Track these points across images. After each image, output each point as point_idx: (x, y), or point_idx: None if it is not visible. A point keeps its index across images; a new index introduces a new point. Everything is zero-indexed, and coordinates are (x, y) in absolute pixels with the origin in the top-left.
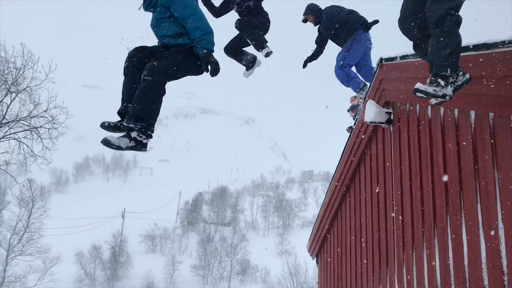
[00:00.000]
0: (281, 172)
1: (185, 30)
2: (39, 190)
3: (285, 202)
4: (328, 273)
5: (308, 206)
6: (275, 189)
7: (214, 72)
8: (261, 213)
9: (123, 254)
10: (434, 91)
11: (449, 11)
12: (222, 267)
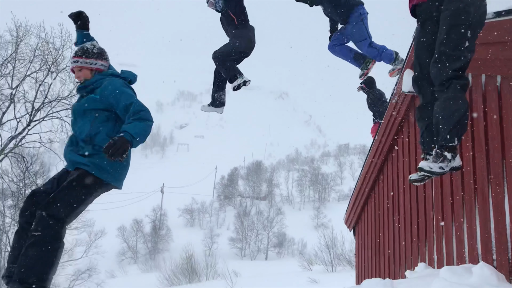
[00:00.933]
0: (316, 146)
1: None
2: None
3: (320, 176)
4: (365, 244)
5: (344, 180)
6: (310, 163)
7: (110, 155)
8: (297, 187)
9: (163, 228)
10: (441, 168)
11: (455, 73)
12: (259, 240)
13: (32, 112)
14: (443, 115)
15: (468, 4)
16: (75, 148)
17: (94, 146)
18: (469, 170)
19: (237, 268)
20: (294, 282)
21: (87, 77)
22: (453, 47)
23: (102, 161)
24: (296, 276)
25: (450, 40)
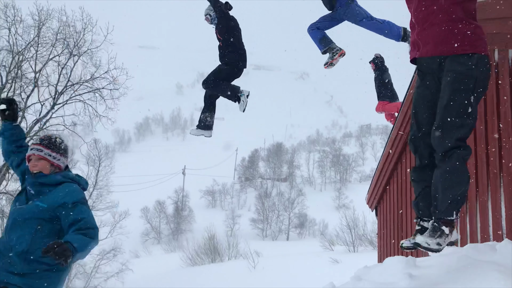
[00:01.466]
0: (338, 127)
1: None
2: (104, 149)
3: (342, 157)
4: (387, 224)
5: (366, 161)
6: (331, 144)
7: (55, 253)
8: (318, 169)
9: (186, 209)
10: (438, 245)
11: (458, 142)
12: (280, 221)
13: (55, 95)
14: (443, 187)
15: (472, 68)
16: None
17: (31, 263)
18: (494, 151)
19: (259, 248)
20: (316, 262)
21: (44, 171)
22: (456, 114)
23: (42, 283)
24: (318, 256)
25: (453, 107)
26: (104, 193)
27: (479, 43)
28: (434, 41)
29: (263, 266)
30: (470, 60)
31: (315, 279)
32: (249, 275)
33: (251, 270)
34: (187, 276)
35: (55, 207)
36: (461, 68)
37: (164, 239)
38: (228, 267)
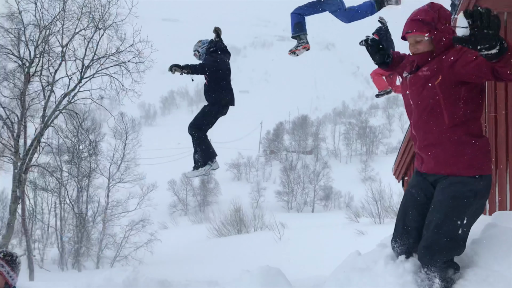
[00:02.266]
0: (364, 98)
1: None
2: (131, 123)
3: (368, 129)
4: None
5: (393, 132)
6: (357, 116)
7: None
8: (343, 141)
9: (212, 182)
10: None
11: (448, 263)
12: (306, 193)
13: (82, 69)
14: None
15: (474, 188)
16: None
17: None
18: None
19: (284, 220)
20: (341, 234)
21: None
22: (447, 235)
23: None
24: (343, 227)
25: (447, 227)
26: (132, 166)
27: (485, 165)
28: (435, 161)
29: (288, 237)
30: (475, 181)
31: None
32: (274, 246)
33: (276, 241)
34: (214, 246)
35: None
36: (463, 188)
37: (191, 211)
38: (254, 238)
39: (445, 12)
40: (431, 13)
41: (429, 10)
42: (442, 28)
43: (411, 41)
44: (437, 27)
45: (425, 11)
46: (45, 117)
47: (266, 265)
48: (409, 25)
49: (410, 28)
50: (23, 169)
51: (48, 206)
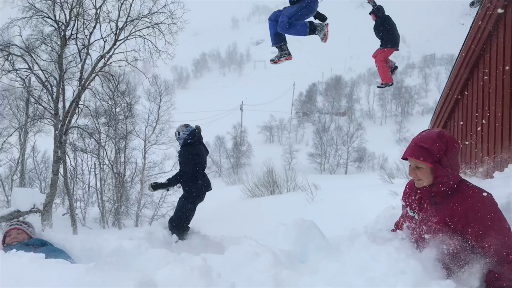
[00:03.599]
0: (400, 57)
1: None
2: (164, 85)
3: (404, 89)
4: None
5: (429, 93)
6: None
7: None
8: (378, 102)
9: (244, 144)
10: None
11: None
12: (339, 155)
13: (116, 31)
14: None
15: None
16: None
17: None
18: None
19: (317, 182)
20: (374, 194)
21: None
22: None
23: None
24: (376, 188)
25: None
26: (166, 128)
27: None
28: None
29: (321, 198)
30: None
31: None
32: (307, 206)
33: (309, 201)
34: (248, 206)
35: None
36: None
37: (225, 173)
38: (286, 198)
39: (453, 146)
40: (439, 144)
41: (438, 140)
42: (447, 164)
43: (411, 164)
44: (441, 161)
45: (433, 140)
46: (82, 79)
47: (300, 218)
48: (413, 150)
49: (412, 154)
50: (63, 130)
51: (88, 167)
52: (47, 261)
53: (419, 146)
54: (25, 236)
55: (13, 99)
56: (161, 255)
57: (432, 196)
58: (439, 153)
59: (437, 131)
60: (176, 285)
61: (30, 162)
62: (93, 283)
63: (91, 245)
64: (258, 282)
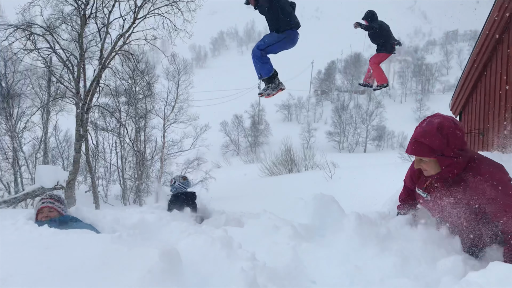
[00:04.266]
0: (421, 34)
1: None
2: (183, 64)
3: (424, 66)
4: (471, 129)
5: (451, 70)
6: (413, 53)
7: None
8: (398, 79)
9: (262, 123)
10: None
11: None
12: (358, 134)
13: (135, 9)
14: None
15: None
16: None
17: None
18: None
19: (335, 160)
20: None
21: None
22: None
23: None
24: (395, 167)
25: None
26: (185, 106)
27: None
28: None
29: (339, 176)
30: None
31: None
32: (325, 184)
33: (327, 179)
34: (266, 184)
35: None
36: None
37: (243, 151)
38: (304, 176)
39: (455, 135)
40: (439, 138)
41: (437, 135)
42: (450, 154)
43: (416, 157)
44: (444, 153)
45: (433, 135)
46: (102, 58)
47: (320, 192)
48: (414, 147)
49: (413, 152)
50: (84, 109)
51: (109, 146)
52: (74, 231)
53: (420, 143)
54: (56, 214)
55: (35, 78)
56: (182, 227)
57: (443, 180)
58: (441, 147)
59: (437, 122)
60: (198, 254)
61: (53, 140)
62: (119, 251)
63: (115, 218)
64: (278, 253)
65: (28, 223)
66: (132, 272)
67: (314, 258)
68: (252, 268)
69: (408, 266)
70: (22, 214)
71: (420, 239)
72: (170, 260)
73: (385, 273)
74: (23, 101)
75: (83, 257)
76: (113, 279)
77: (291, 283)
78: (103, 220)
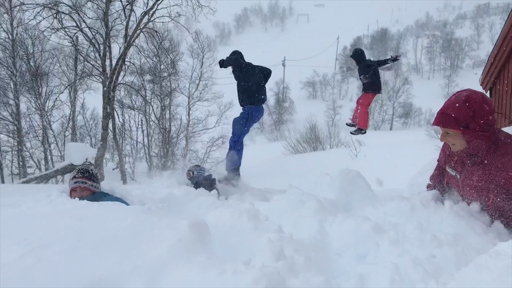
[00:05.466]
0: (450, 7)
1: None
2: (207, 41)
3: (454, 41)
4: (502, 106)
5: (481, 44)
6: (442, 27)
7: None
8: (426, 55)
9: (286, 100)
10: None
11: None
12: (384, 111)
13: None
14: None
15: None
16: None
17: None
18: None
19: (361, 138)
20: (420, 150)
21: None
22: None
23: None
24: (422, 144)
25: None
26: (209, 84)
27: None
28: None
29: (365, 154)
30: None
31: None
32: (351, 162)
33: (353, 158)
34: (290, 162)
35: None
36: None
37: (267, 129)
38: (329, 154)
39: (482, 109)
40: (464, 110)
41: (463, 107)
42: (475, 128)
43: (442, 130)
44: (469, 126)
45: (459, 107)
46: (127, 36)
47: (345, 167)
48: (440, 118)
49: (439, 122)
50: (111, 87)
51: (136, 123)
52: (106, 203)
53: (446, 114)
54: (89, 193)
55: (62, 57)
56: (209, 201)
57: (470, 157)
58: (466, 119)
59: (464, 95)
60: (225, 226)
61: (80, 119)
62: (149, 221)
63: (144, 192)
64: (304, 226)
65: (61, 195)
66: (163, 241)
67: (340, 231)
68: (279, 239)
69: (435, 239)
70: (55, 188)
71: (449, 211)
72: (199, 230)
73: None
74: (51, 80)
75: (115, 227)
76: (145, 248)
77: (318, 254)
78: (131, 194)
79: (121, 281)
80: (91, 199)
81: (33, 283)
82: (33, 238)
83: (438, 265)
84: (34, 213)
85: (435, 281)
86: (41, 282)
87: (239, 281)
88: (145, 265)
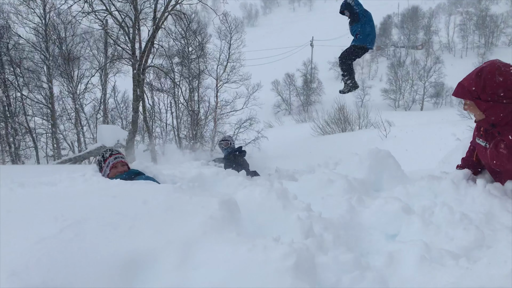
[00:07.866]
0: None
1: None
2: (234, 23)
3: (488, 18)
4: None
5: None
6: (476, 4)
7: None
8: (459, 33)
9: (315, 81)
10: None
11: None
12: (414, 91)
13: None
14: None
15: None
16: None
17: None
18: None
19: (391, 118)
20: (451, 130)
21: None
22: None
23: None
24: (454, 125)
25: None
26: (237, 66)
27: None
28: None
29: (395, 134)
30: None
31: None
32: (380, 143)
33: (382, 138)
34: (319, 143)
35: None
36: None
37: (295, 110)
38: (358, 135)
39: (493, 80)
40: (476, 81)
41: (475, 78)
42: (487, 99)
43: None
44: (480, 97)
45: (472, 78)
46: (156, 19)
47: (375, 147)
48: (456, 89)
49: (455, 93)
50: (140, 70)
51: (165, 106)
52: (138, 182)
53: (460, 85)
54: (126, 168)
55: (93, 41)
56: (238, 181)
57: (492, 127)
58: (477, 89)
59: (481, 67)
60: (255, 204)
61: (111, 101)
62: (181, 199)
63: (174, 172)
64: (332, 205)
65: (96, 174)
66: (194, 218)
67: (369, 210)
68: (308, 217)
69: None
70: (89, 168)
71: (481, 190)
72: (229, 208)
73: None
74: (82, 64)
75: (148, 204)
76: (177, 224)
77: (347, 233)
78: (163, 173)
79: (155, 255)
80: (126, 176)
81: (72, 255)
82: (70, 214)
83: (468, 243)
84: (70, 191)
85: (466, 259)
86: (79, 254)
87: (269, 256)
88: (177, 240)
